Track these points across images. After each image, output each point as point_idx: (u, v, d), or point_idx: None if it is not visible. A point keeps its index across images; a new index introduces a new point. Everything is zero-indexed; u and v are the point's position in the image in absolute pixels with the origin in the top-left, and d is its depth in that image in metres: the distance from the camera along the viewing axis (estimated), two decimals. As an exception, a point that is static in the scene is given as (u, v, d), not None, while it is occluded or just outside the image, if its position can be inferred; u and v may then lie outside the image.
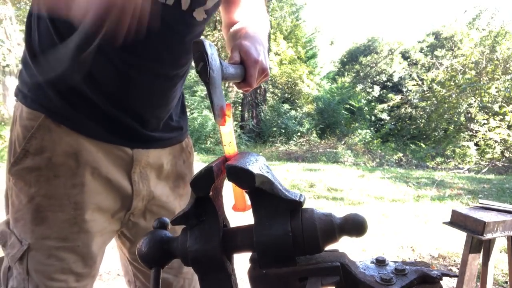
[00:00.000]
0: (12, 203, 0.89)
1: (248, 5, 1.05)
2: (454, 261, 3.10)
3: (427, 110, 15.91)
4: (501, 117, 12.56)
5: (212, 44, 0.67)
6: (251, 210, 0.53)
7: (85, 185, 0.86)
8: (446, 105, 14.03)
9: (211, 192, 0.53)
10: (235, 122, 12.82)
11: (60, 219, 0.85)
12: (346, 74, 22.35)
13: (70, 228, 0.86)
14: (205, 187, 0.52)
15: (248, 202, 0.57)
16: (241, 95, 14.32)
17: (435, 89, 14.39)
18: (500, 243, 3.04)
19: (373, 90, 21.09)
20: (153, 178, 0.99)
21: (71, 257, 0.87)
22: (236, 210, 0.68)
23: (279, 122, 13.82)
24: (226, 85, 14.25)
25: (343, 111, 16.14)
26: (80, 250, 0.89)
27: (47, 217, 0.85)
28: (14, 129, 0.89)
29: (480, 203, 1.87)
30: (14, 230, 0.88)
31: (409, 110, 18.03)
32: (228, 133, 0.61)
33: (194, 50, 0.62)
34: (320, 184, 6.26)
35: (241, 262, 0.65)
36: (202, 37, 0.85)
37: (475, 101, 13.30)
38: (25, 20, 0.92)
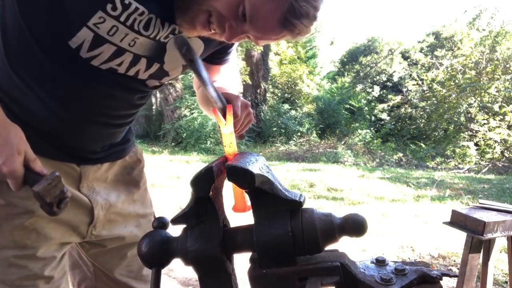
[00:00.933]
0: None
1: (227, 74, 1.16)
2: (454, 261, 3.10)
3: (427, 110, 15.89)
4: (501, 117, 12.55)
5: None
6: (251, 210, 0.53)
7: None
8: (446, 105, 14.02)
9: (211, 192, 0.53)
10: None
11: (17, 227, 0.86)
12: (346, 74, 22.33)
13: (27, 235, 0.87)
14: (205, 187, 0.52)
15: (248, 203, 0.57)
16: (241, 95, 14.31)
17: (435, 89, 14.38)
18: (500, 243, 3.04)
19: (373, 90, 21.07)
20: (102, 189, 1.02)
21: (33, 264, 0.88)
22: (236, 211, 0.68)
23: (279, 122, 13.81)
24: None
25: (343, 111, 16.12)
26: (42, 256, 0.89)
27: (2, 226, 0.85)
28: None
29: (480, 203, 1.87)
30: None
31: (409, 110, 18.02)
32: (229, 134, 0.61)
33: (176, 40, 0.70)
34: (320, 184, 6.26)
35: (241, 262, 0.65)
36: None
37: (475, 101, 13.30)
38: None
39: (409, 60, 21.24)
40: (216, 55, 1.09)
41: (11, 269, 0.86)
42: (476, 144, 13.07)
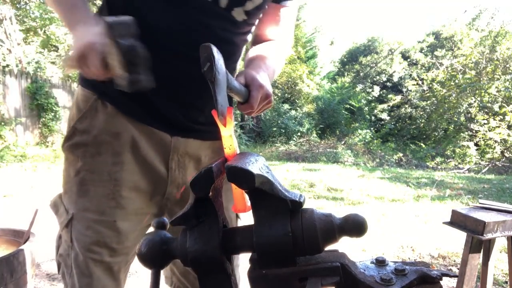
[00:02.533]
0: (63, 176, 0.97)
1: (277, 45, 1.09)
2: (454, 261, 3.10)
3: (427, 110, 15.91)
4: (501, 117, 12.56)
5: (219, 52, 0.69)
6: (251, 210, 0.53)
7: (124, 163, 0.91)
8: (446, 105, 14.03)
9: (210, 193, 0.53)
10: (235, 122, 12.80)
11: (100, 193, 0.91)
12: (346, 74, 22.35)
13: (108, 202, 0.91)
14: (204, 187, 0.51)
15: (248, 203, 0.57)
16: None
17: (435, 89, 14.39)
18: (500, 243, 3.04)
19: (373, 90, 21.09)
20: (191, 168, 1.01)
21: (106, 231, 0.92)
22: (236, 211, 0.68)
23: (279, 122, 13.82)
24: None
25: (343, 111, 16.14)
26: (115, 226, 0.92)
27: (89, 190, 0.91)
28: (71, 109, 0.98)
29: (480, 203, 1.86)
30: (63, 201, 0.97)
31: (409, 110, 18.04)
32: (229, 136, 0.61)
33: (202, 52, 0.64)
34: (320, 184, 6.26)
35: (241, 262, 0.65)
36: None
37: (475, 101, 13.30)
38: (24, 20, 0.95)
39: (409, 60, 21.26)
40: None
41: (89, 231, 0.91)
42: (476, 144, 13.08)
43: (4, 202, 4.48)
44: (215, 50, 0.65)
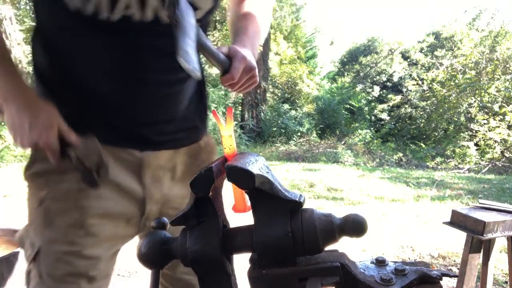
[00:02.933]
0: (27, 207, 0.91)
1: (257, 3, 1.04)
2: (454, 261, 3.10)
3: (427, 110, 15.90)
4: (501, 117, 12.56)
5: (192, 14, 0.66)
6: (251, 210, 0.53)
7: (91, 189, 0.85)
8: (446, 105, 14.02)
9: (210, 193, 0.53)
10: (235, 122, 12.82)
11: (67, 223, 0.85)
12: (346, 74, 22.35)
13: (76, 232, 0.85)
14: (204, 187, 0.51)
15: (248, 203, 0.57)
16: (241, 95, 14.31)
17: (435, 88, 14.38)
18: (500, 243, 3.04)
19: (373, 90, 21.09)
20: (167, 180, 0.96)
21: (79, 261, 0.87)
22: (236, 211, 0.68)
23: (279, 122, 13.81)
24: (226, 85, 14.24)
25: (343, 111, 16.13)
26: (88, 254, 0.87)
27: (54, 220, 0.85)
28: None
29: (480, 203, 1.86)
30: (29, 233, 0.90)
31: (409, 110, 18.03)
32: (228, 136, 0.61)
33: None
34: (320, 184, 6.26)
35: (241, 262, 0.65)
36: None
37: (475, 101, 13.30)
38: (24, 20, 0.94)
39: (409, 60, 21.25)
40: None
41: (59, 264, 0.86)
42: (476, 144, 13.08)
43: (4, 202, 4.47)
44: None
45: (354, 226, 0.48)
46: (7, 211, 3.94)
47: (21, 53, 11.38)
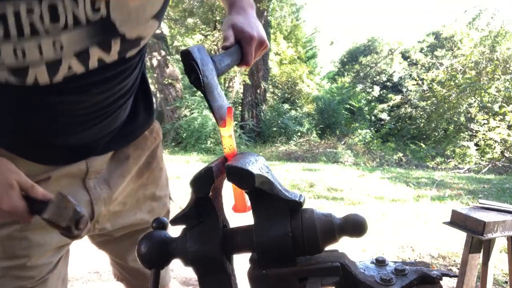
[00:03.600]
0: None
1: None
2: (454, 261, 3.10)
3: (427, 110, 15.90)
4: (501, 117, 12.56)
5: (200, 46, 0.65)
6: (251, 210, 0.53)
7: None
8: (446, 105, 14.02)
9: (210, 193, 0.53)
10: (235, 122, 12.82)
11: (6, 237, 0.81)
12: (346, 74, 22.35)
13: (18, 244, 0.81)
14: (204, 187, 0.51)
15: (248, 203, 0.57)
16: (241, 95, 14.31)
17: (435, 88, 14.38)
18: (500, 243, 3.04)
19: (373, 90, 21.09)
20: (114, 175, 0.93)
21: (25, 273, 0.83)
22: (237, 211, 0.68)
23: (279, 122, 13.81)
24: (226, 85, 14.25)
25: (343, 111, 16.13)
26: (33, 265, 0.84)
27: None
28: None
29: (480, 203, 1.86)
30: None
31: (409, 110, 18.03)
32: (228, 136, 0.61)
33: (184, 61, 0.60)
34: (320, 184, 6.25)
35: (241, 262, 0.65)
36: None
37: (475, 101, 13.30)
38: None
39: (409, 60, 21.25)
40: None
41: (4, 280, 0.82)
42: (476, 144, 13.08)
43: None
44: (195, 52, 0.61)
45: (354, 226, 0.48)
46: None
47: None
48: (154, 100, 1.01)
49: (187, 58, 0.61)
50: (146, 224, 1.03)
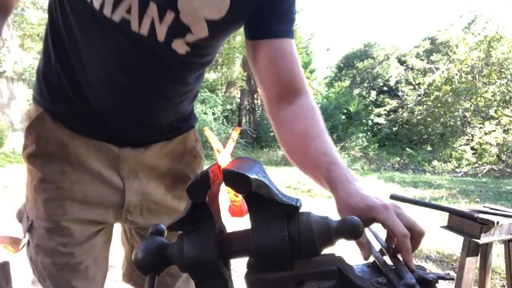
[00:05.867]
0: (25, 184, 0.98)
1: (325, 134, 0.83)
2: (452, 264, 3.10)
3: (424, 114, 15.98)
4: (497, 121, 12.63)
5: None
6: (247, 215, 0.53)
7: (72, 173, 0.90)
8: (442, 109, 14.09)
9: (207, 198, 0.53)
10: (231, 127, 12.81)
11: (47, 201, 0.90)
12: (342, 79, 22.43)
13: (55, 210, 0.90)
14: (201, 192, 0.51)
15: (245, 208, 0.57)
16: (238, 99, 14.33)
17: (431, 93, 14.46)
18: (498, 247, 3.04)
19: (369, 95, 21.17)
20: (145, 176, 0.98)
21: (58, 238, 0.92)
22: (234, 215, 0.68)
23: (276, 127, 13.82)
24: (224, 90, 14.26)
25: (340, 116, 16.18)
26: (66, 231, 0.92)
27: (38, 198, 0.91)
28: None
29: (484, 207, 1.87)
30: (25, 208, 0.98)
31: (405, 114, 18.10)
32: (227, 155, 0.60)
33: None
34: (317, 188, 6.26)
35: (241, 264, 0.65)
36: None
37: (471, 105, 13.37)
38: (20, 26, 0.94)
39: (405, 65, 21.37)
40: (267, 20, 0.81)
41: (44, 238, 0.92)
42: (472, 148, 13.13)
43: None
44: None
45: (350, 229, 0.48)
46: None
47: (18, 58, 11.37)
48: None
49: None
50: None
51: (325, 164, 0.72)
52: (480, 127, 12.86)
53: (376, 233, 0.61)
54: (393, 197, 1.71)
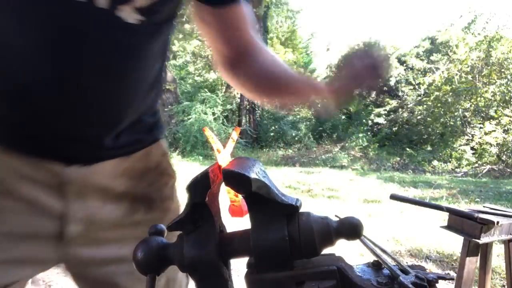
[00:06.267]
0: None
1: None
2: (452, 264, 3.10)
3: (424, 114, 15.98)
4: (497, 121, 12.63)
5: None
6: (248, 215, 0.53)
7: None
8: (442, 109, 14.09)
9: (207, 198, 0.53)
10: (231, 126, 12.82)
11: None
12: (342, 78, 22.38)
13: None
14: (201, 192, 0.51)
15: (245, 208, 0.57)
16: (238, 100, 14.34)
17: (431, 93, 14.46)
18: (498, 247, 3.04)
19: (370, 95, 21.16)
20: (95, 200, 0.78)
21: None
22: (234, 215, 0.68)
23: (276, 127, 13.85)
24: (224, 90, 14.28)
25: (340, 116, 16.19)
26: None
27: None
28: None
29: (484, 207, 1.87)
30: None
31: (405, 114, 18.11)
32: (227, 156, 0.60)
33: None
34: (317, 188, 6.26)
35: (241, 264, 0.65)
36: None
37: (471, 105, 13.38)
38: None
39: (405, 65, 21.37)
40: None
41: None
42: (472, 148, 13.14)
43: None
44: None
45: (350, 229, 0.48)
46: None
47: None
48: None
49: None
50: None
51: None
52: (480, 127, 12.86)
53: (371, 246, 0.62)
54: (393, 197, 1.71)
